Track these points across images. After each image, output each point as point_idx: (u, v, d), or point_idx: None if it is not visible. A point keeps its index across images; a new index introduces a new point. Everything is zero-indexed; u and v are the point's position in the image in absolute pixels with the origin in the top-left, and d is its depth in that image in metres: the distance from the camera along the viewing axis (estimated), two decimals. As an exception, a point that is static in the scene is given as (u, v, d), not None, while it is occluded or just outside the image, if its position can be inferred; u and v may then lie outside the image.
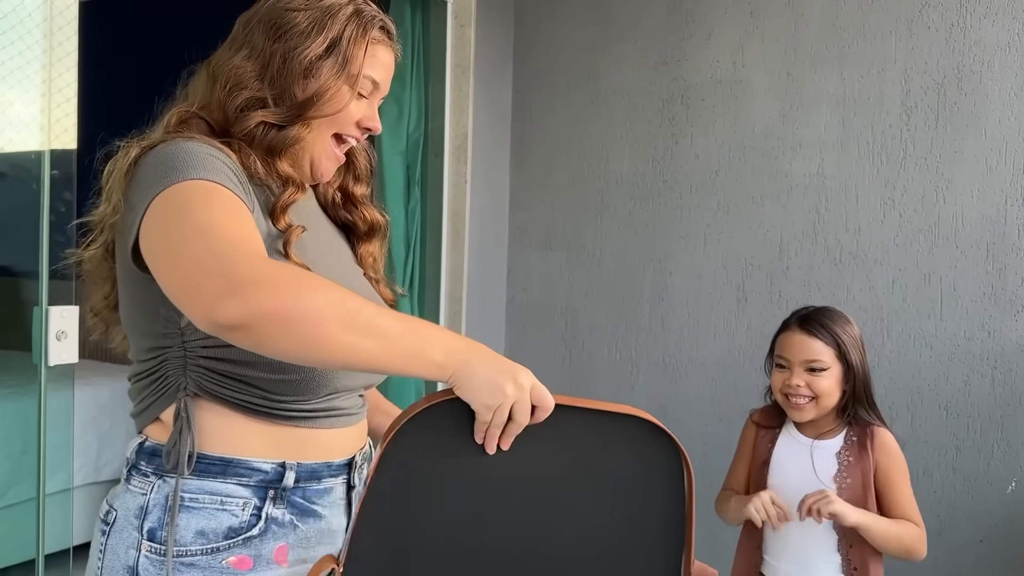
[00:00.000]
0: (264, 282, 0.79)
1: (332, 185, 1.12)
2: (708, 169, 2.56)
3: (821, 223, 2.41)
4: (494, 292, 2.86)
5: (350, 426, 1.02)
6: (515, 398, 0.82)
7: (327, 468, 0.99)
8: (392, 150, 2.61)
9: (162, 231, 0.86)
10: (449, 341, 0.83)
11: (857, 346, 1.59)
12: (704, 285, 2.57)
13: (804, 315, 1.61)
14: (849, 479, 1.57)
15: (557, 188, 2.81)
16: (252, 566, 0.93)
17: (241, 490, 0.93)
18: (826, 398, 1.56)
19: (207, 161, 0.90)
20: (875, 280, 2.34)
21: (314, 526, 0.98)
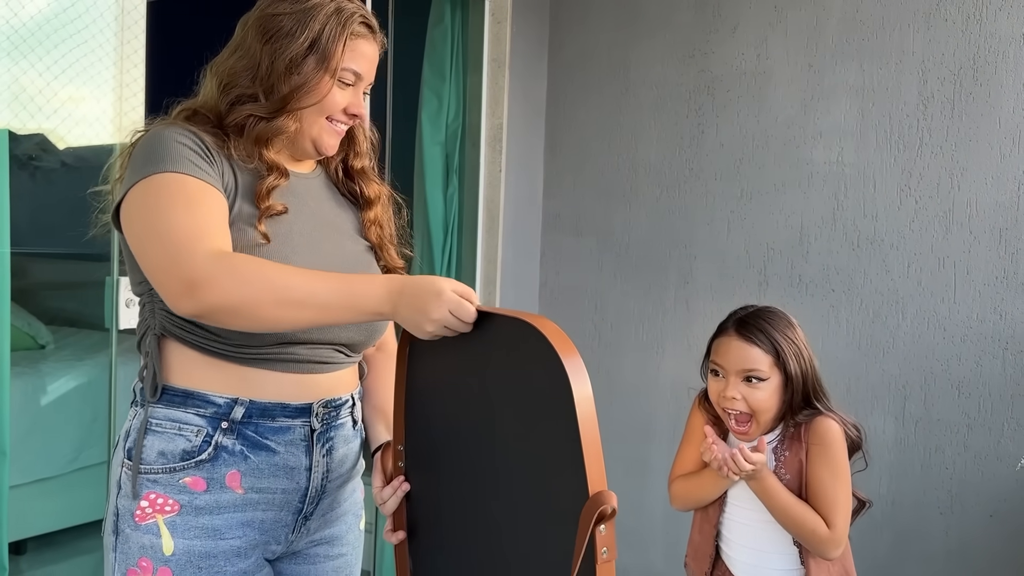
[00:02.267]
0: (209, 281, 0.97)
1: (335, 160, 1.26)
2: (732, 157, 2.67)
3: (840, 209, 2.50)
4: (527, 275, 3.01)
5: (312, 374, 1.14)
6: (437, 327, 0.99)
7: (281, 409, 1.11)
8: (432, 140, 2.77)
9: (135, 224, 1.04)
10: (376, 292, 1.00)
11: (799, 353, 1.45)
12: (727, 269, 2.68)
13: (742, 317, 1.48)
14: (788, 474, 1.46)
15: (588, 176, 2.95)
16: (206, 487, 1.08)
17: (197, 419, 1.08)
18: (764, 413, 1.44)
19: (175, 150, 1.05)
20: (891, 264, 2.43)
21: (267, 459, 1.10)
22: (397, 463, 1.18)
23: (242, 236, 1.07)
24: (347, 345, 1.18)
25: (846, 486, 1.42)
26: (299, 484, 1.13)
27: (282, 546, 1.16)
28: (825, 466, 1.41)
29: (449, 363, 1.07)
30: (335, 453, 1.17)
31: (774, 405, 1.43)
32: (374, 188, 1.28)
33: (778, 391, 1.43)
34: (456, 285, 1.00)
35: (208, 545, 1.07)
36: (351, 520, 1.26)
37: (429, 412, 1.12)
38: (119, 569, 1.08)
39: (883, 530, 2.44)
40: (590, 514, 0.84)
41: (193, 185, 1.04)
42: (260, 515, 1.11)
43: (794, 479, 1.44)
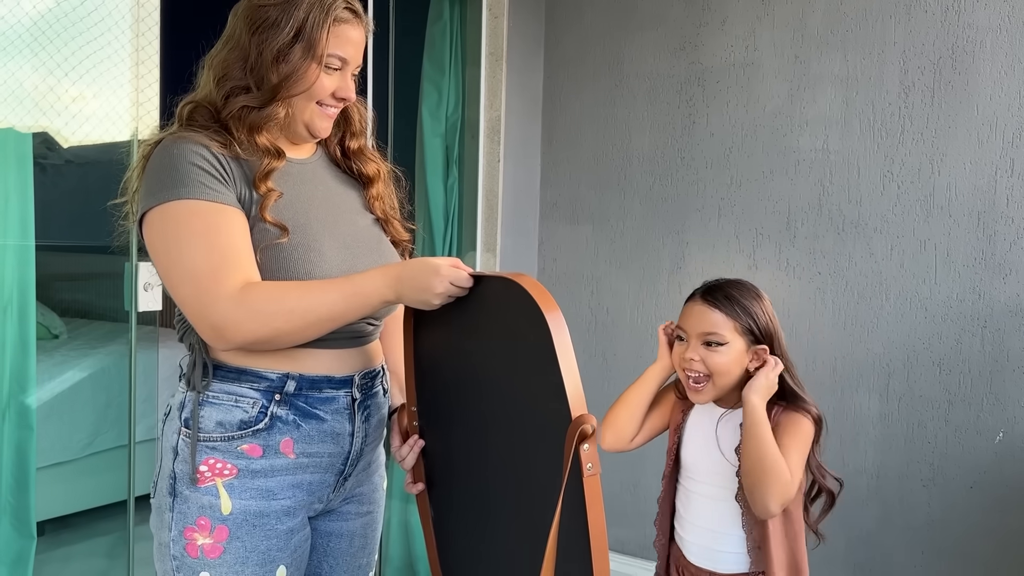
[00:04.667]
0: (233, 327, 1.09)
1: (333, 142, 1.34)
2: (722, 146, 2.78)
3: (826, 195, 2.61)
4: (526, 262, 3.12)
5: (351, 348, 1.24)
6: (442, 299, 1.11)
7: (327, 381, 1.21)
8: (432, 132, 2.87)
9: (158, 259, 1.14)
10: (378, 285, 1.12)
11: (765, 323, 1.45)
12: (718, 254, 2.78)
13: (710, 286, 1.50)
14: None
15: (584, 166, 3.05)
16: (262, 453, 1.18)
17: (252, 392, 1.18)
18: (723, 376, 1.43)
19: (188, 173, 1.12)
20: (875, 247, 2.54)
21: (316, 427, 1.20)
22: (412, 422, 1.30)
23: (264, 236, 1.16)
24: (374, 316, 1.28)
25: (802, 457, 1.41)
26: (343, 448, 1.24)
27: (323, 504, 1.28)
28: (789, 436, 1.41)
29: (449, 326, 1.20)
30: (372, 419, 1.29)
31: (734, 372, 1.43)
32: (373, 166, 1.35)
33: (739, 359, 1.43)
34: (447, 259, 1.12)
35: (262, 505, 1.18)
36: (377, 480, 1.38)
37: (436, 373, 1.25)
38: (176, 527, 1.17)
39: (868, 502, 2.55)
40: (573, 434, 0.96)
41: (209, 211, 1.11)
42: (308, 477, 1.22)
43: None
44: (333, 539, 1.32)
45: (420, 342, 1.27)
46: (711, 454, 1.48)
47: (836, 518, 2.58)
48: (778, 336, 1.47)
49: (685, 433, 1.53)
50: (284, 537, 1.20)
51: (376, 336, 1.32)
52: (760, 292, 1.50)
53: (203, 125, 1.19)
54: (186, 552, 1.17)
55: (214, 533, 1.16)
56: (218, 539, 1.16)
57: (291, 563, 1.21)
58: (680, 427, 1.54)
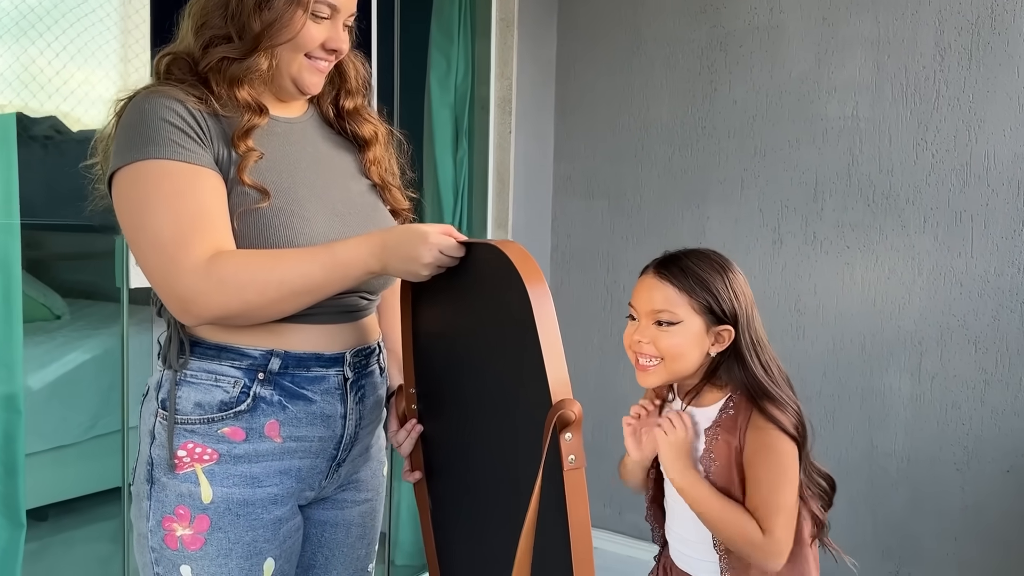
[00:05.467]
0: (200, 299, 1.01)
1: (326, 101, 1.24)
2: (746, 114, 2.66)
3: (855, 165, 2.50)
4: (539, 239, 3.03)
5: (342, 323, 1.15)
6: (431, 269, 1.03)
7: (316, 359, 1.13)
8: (440, 103, 2.78)
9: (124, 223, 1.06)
10: (361, 255, 1.04)
11: (729, 299, 1.25)
12: (740, 228, 2.68)
13: (664, 257, 1.30)
14: (716, 460, 1.26)
15: (599, 138, 2.94)
16: (245, 437, 1.10)
17: (233, 371, 1.10)
18: (676, 361, 1.25)
19: (159, 130, 1.03)
20: (907, 220, 2.43)
21: (304, 408, 1.12)
22: (410, 405, 1.22)
23: (243, 200, 1.08)
24: (368, 291, 1.20)
25: (791, 490, 1.23)
26: (335, 432, 1.17)
27: (315, 492, 1.20)
28: (767, 468, 1.22)
29: (445, 301, 1.12)
30: (367, 400, 1.21)
31: (689, 356, 1.24)
32: (369, 128, 1.27)
33: (696, 341, 1.24)
34: (437, 226, 1.04)
35: (246, 493, 1.10)
36: (376, 466, 1.31)
37: (434, 352, 1.16)
38: (154, 517, 1.10)
39: (898, 486, 2.46)
40: (551, 421, 0.87)
41: (180, 172, 1.03)
42: (297, 463, 1.14)
43: (723, 468, 1.25)
44: (328, 529, 1.25)
45: (419, 318, 1.19)
46: None
47: (864, 503, 2.54)
48: (747, 317, 1.26)
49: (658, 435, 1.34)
50: (271, 527, 1.13)
51: (371, 311, 1.24)
52: (727, 264, 1.30)
53: (180, 79, 1.11)
54: (165, 544, 1.10)
55: (194, 523, 1.09)
56: (198, 530, 1.09)
57: (280, 555, 1.14)
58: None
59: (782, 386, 1.26)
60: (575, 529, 0.85)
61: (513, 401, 0.97)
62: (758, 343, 1.27)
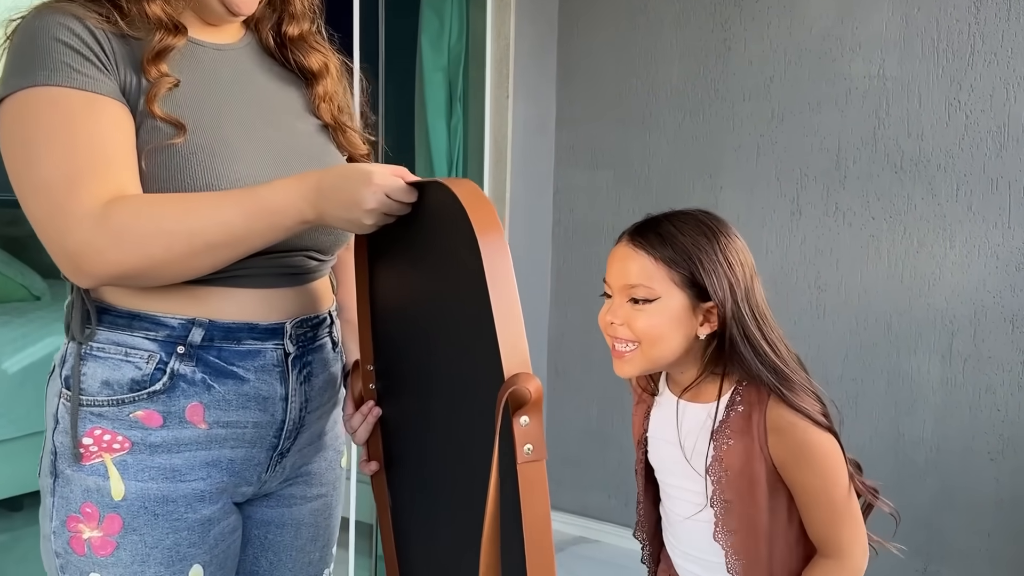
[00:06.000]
0: (92, 254, 0.86)
1: (266, 26, 1.08)
2: (762, 75, 2.50)
3: (881, 128, 2.34)
4: (539, 212, 2.87)
5: (280, 288, 1.00)
6: (376, 217, 0.88)
7: (248, 330, 0.97)
8: (433, 65, 2.63)
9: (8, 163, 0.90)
10: (290, 199, 0.89)
11: (723, 271, 1.06)
12: (756, 199, 2.53)
13: (644, 221, 1.12)
14: (728, 472, 1.07)
15: (604, 103, 2.79)
16: (163, 422, 0.94)
17: (146, 343, 0.94)
18: (654, 345, 1.07)
19: (52, 52, 0.88)
20: (938, 187, 2.27)
21: (234, 389, 0.97)
22: (368, 385, 1.07)
23: (153, 136, 0.92)
24: (316, 249, 1.04)
25: (849, 490, 1.07)
26: (274, 416, 1.01)
27: (253, 487, 1.04)
28: (813, 475, 1.05)
29: (403, 260, 0.96)
30: (314, 380, 1.06)
31: (670, 339, 1.06)
32: (317, 58, 1.10)
33: (678, 321, 1.06)
34: (384, 166, 0.88)
35: (165, 488, 0.95)
36: (331, 456, 1.15)
37: (395, 322, 1.01)
38: (58, 517, 0.96)
39: (926, 478, 2.32)
40: (501, 400, 0.71)
41: (74, 102, 0.89)
42: (228, 453, 0.99)
43: (737, 479, 1.07)
44: (273, 530, 1.09)
45: (377, 281, 1.04)
46: (677, 459, 1.13)
47: (889, 495, 2.37)
48: (746, 289, 1.07)
49: (650, 437, 1.19)
50: (198, 529, 0.97)
51: (322, 273, 1.08)
52: (718, 226, 1.09)
53: None
54: (70, 548, 0.95)
55: (103, 524, 0.94)
56: (109, 532, 0.94)
57: (210, 561, 0.99)
58: (647, 415, 1.21)
59: (796, 368, 1.09)
60: (531, 534, 0.69)
61: (470, 379, 0.81)
62: (761, 319, 1.08)
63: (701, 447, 1.10)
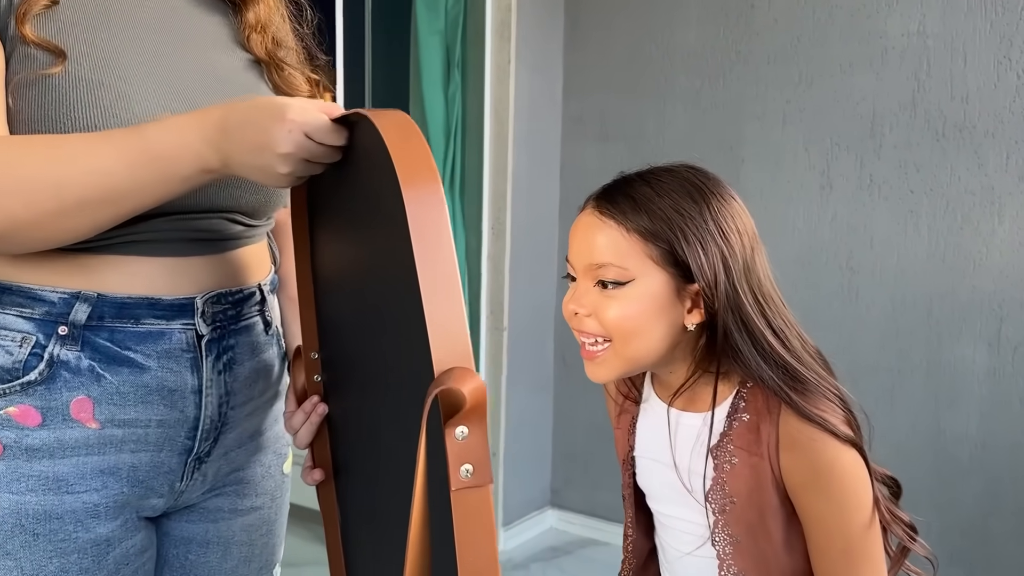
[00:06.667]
0: None
1: None
2: (789, 35, 2.34)
3: (921, 91, 2.18)
4: (544, 190, 2.70)
5: (194, 255, 0.84)
6: (294, 164, 0.71)
7: (148, 307, 0.82)
8: (429, 29, 2.48)
9: None
10: (192, 145, 0.72)
11: (719, 244, 0.85)
12: (782, 172, 2.37)
13: (616, 181, 0.92)
14: (733, 498, 0.88)
15: (615, 69, 2.63)
16: (42, 421, 0.78)
17: (20, 322, 0.78)
18: (629, 341, 0.87)
19: None
20: (985, 156, 2.11)
21: (131, 379, 0.81)
22: (312, 377, 0.90)
23: (27, 64, 0.76)
24: (241, 210, 0.88)
25: (872, 522, 0.86)
26: (185, 413, 0.84)
27: (166, 499, 0.88)
28: (829, 503, 0.85)
29: (342, 219, 0.78)
30: (238, 368, 0.89)
31: (651, 332, 0.86)
32: None
33: (658, 309, 0.86)
34: (305, 100, 0.71)
35: (48, 502, 0.79)
36: (270, 460, 0.98)
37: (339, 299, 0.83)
38: None
39: (970, 478, 2.17)
40: (429, 404, 0.53)
41: None
42: (128, 459, 0.83)
43: (744, 508, 0.88)
44: (195, 549, 0.93)
45: (320, 249, 0.86)
46: (670, 483, 0.93)
47: (928, 497, 2.23)
48: (745, 265, 0.86)
49: (638, 453, 0.98)
50: (91, 552, 0.81)
51: (251, 240, 0.91)
52: (709, 187, 0.88)
53: None
54: None
55: None
56: None
57: None
58: (632, 427, 0.99)
59: (809, 363, 0.87)
60: None
61: (408, 376, 0.63)
62: (765, 303, 0.86)
63: (698, 467, 0.89)
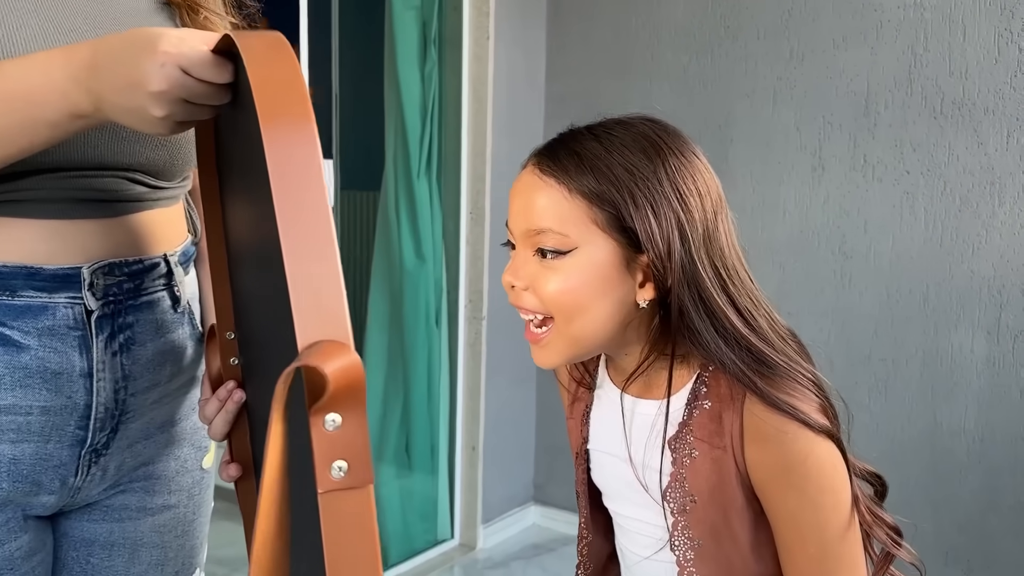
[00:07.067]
0: None
1: None
2: (779, 9, 2.27)
3: (918, 66, 2.10)
4: (528, 171, 2.63)
5: (82, 218, 0.75)
6: (171, 105, 0.62)
7: (26, 277, 0.73)
8: (404, 3, 2.39)
9: None
10: (57, 83, 0.64)
11: (674, 208, 0.75)
12: (772, 153, 2.30)
13: (562, 135, 0.81)
14: (693, 496, 0.79)
15: (600, 46, 2.56)
16: None
17: None
18: (571, 319, 0.77)
19: None
20: (985, 135, 2.04)
21: (6, 359, 0.73)
22: (228, 360, 0.82)
23: None
24: (142, 168, 0.79)
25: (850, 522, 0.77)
26: (73, 400, 0.76)
27: (58, 496, 0.79)
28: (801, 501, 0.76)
29: (238, 175, 0.69)
30: (137, 349, 0.80)
31: (595, 309, 0.77)
32: None
33: (607, 280, 0.76)
34: (185, 30, 0.63)
35: None
36: (186, 454, 0.89)
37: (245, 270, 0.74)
38: None
39: (968, 473, 2.10)
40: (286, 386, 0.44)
41: None
42: (8, 450, 0.74)
43: (706, 507, 0.78)
44: (98, 551, 0.84)
45: (230, 213, 0.77)
46: (626, 479, 0.84)
47: (924, 493, 2.16)
48: (701, 235, 0.76)
49: (591, 429, 0.89)
50: None
51: (158, 203, 0.82)
52: (666, 142, 0.78)
53: None
54: None
55: None
56: None
57: None
58: (585, 417, 0.90)
59: (779, 346, 0.77)
60: None
61: (284, 352, 0.54)
62: (729, 276, 0.76)
63: (654, 461, 0.80)
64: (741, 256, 0.79)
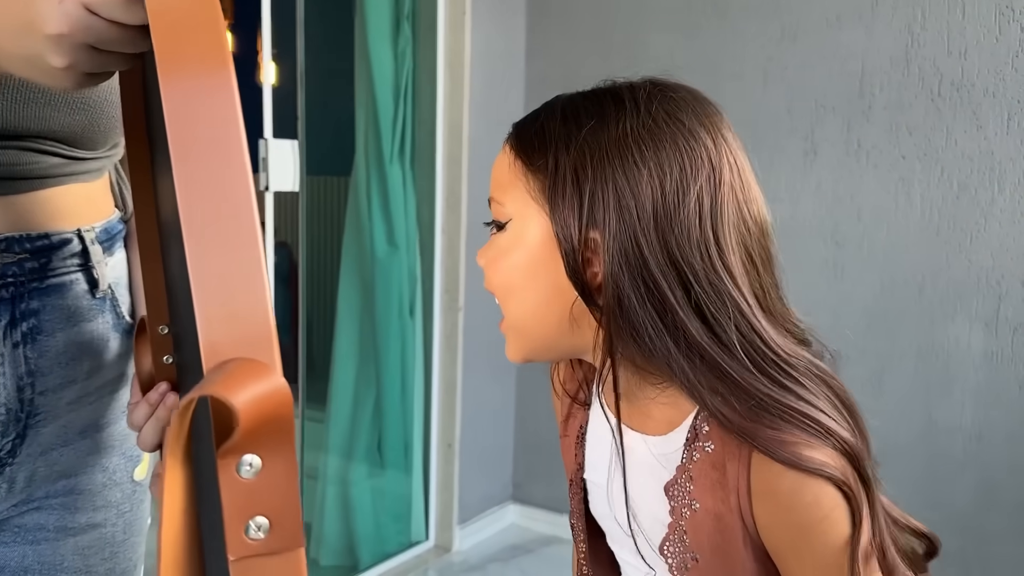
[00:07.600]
0: None
1: None
2: None
3: (915, 46, 2.05)
4: (506, 155, 2.55)
5: None
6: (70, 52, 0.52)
7: None
8: (375, -23, 2.29)
9: None
10: None
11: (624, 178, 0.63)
12: (762, 136, 2.24)
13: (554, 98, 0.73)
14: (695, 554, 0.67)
15: (582, 25, 2.50)
16: None
17: None
18: (504, 304, 0.69)
19: None
20: (984, 117, 1.99)
21: None
22: (161, 358, 0.73)
23: None
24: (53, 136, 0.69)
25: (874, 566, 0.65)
26: None
27: None
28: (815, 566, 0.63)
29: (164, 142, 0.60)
30: (44, 340, 0.71)
31: (531, 290, 0.67)
32: None
33: (543, 260, 0.65)
34: None
35: None
36: (115, 464, 0.80)
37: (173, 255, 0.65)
38: None
39: (965, 472, 2.06)
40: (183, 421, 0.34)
41: None
42: None
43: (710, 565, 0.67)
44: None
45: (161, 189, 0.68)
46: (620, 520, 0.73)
47: (919, 493, 2.10)
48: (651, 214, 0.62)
49: (587, 455, 0.77)
50: None
51: (77, 176, 0.73)
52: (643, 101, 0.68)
53: None
54: None
55: None
56: None
57: None
58: (580, 439, 0.78)
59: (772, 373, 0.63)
60: None
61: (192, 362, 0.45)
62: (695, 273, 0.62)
63: (650, 507, 0.68)
64: (745, 259, 0.66)
